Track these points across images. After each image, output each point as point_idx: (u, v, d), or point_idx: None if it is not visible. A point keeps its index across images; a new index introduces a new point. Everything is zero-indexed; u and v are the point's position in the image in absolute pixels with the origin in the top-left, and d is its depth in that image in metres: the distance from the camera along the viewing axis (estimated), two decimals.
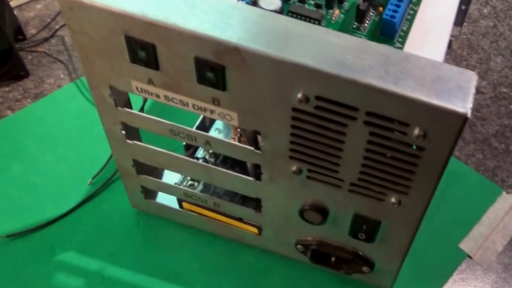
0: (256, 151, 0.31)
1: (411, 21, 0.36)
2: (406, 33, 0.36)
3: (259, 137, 0.31)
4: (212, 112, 0.29)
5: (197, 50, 0.26)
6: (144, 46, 0.27)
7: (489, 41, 0.57)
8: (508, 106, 0.52)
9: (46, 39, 0.53)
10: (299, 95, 0.27)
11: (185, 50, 0.26)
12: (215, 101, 0.29)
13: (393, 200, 0.31)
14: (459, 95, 0.25)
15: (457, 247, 0.43)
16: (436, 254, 0.42)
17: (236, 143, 0.31)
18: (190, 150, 0.40)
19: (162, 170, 0.40)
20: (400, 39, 0.35)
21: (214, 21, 0.26)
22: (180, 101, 0.29)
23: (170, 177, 0.39)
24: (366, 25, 0.35)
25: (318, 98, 0.27)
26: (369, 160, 0.29)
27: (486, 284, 0.41)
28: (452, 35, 0.56)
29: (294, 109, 0.28)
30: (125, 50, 0.28)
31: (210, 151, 0.39)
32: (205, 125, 0.41)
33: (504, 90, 0.53)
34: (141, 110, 0.39)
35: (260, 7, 0.31)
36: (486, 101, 0.52)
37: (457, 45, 0.56)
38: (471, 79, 0.26)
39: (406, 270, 0.41)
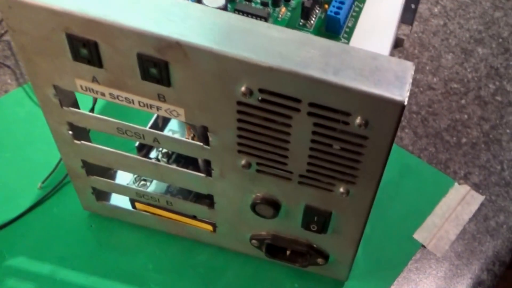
0: (205, 146, 0.31)
1: (356, 17, 0.37)
2: (352, 29, 0.36)
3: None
4: (158, 108, 0.29)
5: (139, 46, 0.26)
6: (86, 44, 0.27)
7: (440, 39, 0.58)
8: (459, 101, 0.53)
9: None
10: (243, 89, 0.27)
11: (128, 47, 0.26)
12: (161, 97, 0.29)
13: (341, 190, 0.31)
14: (397, 84, 0.26)
15: (412, 237, 0.43)
16: (391, 244, 0.43)
17: (184, 139, 0.31)
18: (143, 151, 0.40)
19: (115, 171, 0.39)
20: (345, 35, 0.36)
21: (156, 18, 0.26)
22: (125, 98, 0.29)
23: (124, 178, 0.39)
24: (312, 22, 0.36)
25: (261, 91, 0.27)
26: (316, 151, 0.29)
27: (440, 272, 0.42)
28: (403, 34, 0.57)
29: (239, 103, 0.28)
30: (67, 49, 0.27)
31: (163, 151, 0.39)
32: (158, 126, 0.41)
33: (455, 85, 0.54)
34: (92, 110, 0.38)
35: (203, 4, 0.31)
36: (438, 96, 0.53)
37: (408, 43, 0.57)
38: (408, 69, 0.27)
39: (361, 261, 0.42)
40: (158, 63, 0.27)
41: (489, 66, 0.56)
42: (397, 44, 0.56)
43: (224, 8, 0.32)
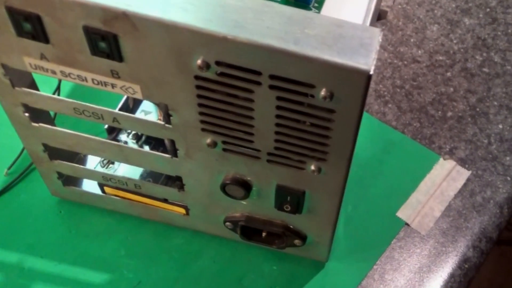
0: (167, 125, 0.30)
1: None
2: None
3: None
4: (113, 86, 0.28)
5: (84, 18, 0.24)
6: (28, 17, 0.25)
7: (425, 10, 0.56)
8: (445, 74, 0.51)
9: None
10: (199, 62, 0.25)
11: (72, 19, 0.25)
12: (114, 74, 0.27)
13: (312, 167, 0.30)
14: (362, 52, 0.24)
15: (395, 215, 0.42)
16: (373, 224, 0.41)
17: (143, 117, 0.30)
18: (113, 133, 0.38)
19: (85, 155, 0.38)
20: (316, 4, 0.34)
21: None
22: (78, 76, 0.28)
23: (93, 161, 0.38)
24: None
25: (218, 63, 0.25)
26: (282, 127, 0.28)
27: (424, 250, 0.41)
28: (387, 6, 0.55)
29: (197, 77, 0.26)
30: (9, 23, 0.26)
31: (132, 133, 0.38)
32: (129, 107, 0.39)
33: (440, 58, 0.53)
34: (57, 92, 0.37)
35: None
36: (423, 69, 0.52)
37: (392, 15, 0.55)
38: (375, 35, 0.25)
39: (343, 241, 0.40)
40: (106, 36, 0.25)
41: (476, 37, 0.54)
42: (380, 16, 0.54)
43: None
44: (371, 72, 0.24)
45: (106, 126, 0.38)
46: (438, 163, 0.45)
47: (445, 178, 0.45)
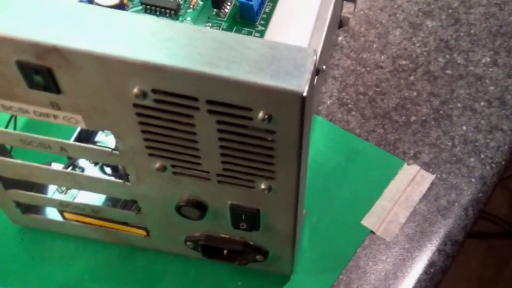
0: (114, 152, 0.30)
1: (274, 2, 0.36)
2: (269, 15, 0.35)
3: None
4: (55, 117, 0.28)
5: (16, 53, 0.25)
6: None
7: (387, 14, 0.57)
8: (408, 78, 0.52)
9: None
10: (135, 91, 0.25)
11: (5, 55, 0.25)
12: (54, 105, 0.27)
13: (262, 186, 0.30)
14: (295, 73, 0.25)
15: (360, 224, 0.42)
16: (339, 233, 0.42)
17: (91, 146, 0.30)
18: (73, 158, 0.38)
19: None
20: (262, 22, 0.34)
21: (31, 21, 0.24)
22: (19, 109, 0.28)
23: (52, 187, 0.38)
24: (226, 10, 0.34)
25: (154, 91, 0.25)
26: (226, 149, 0.28)
27: (390, 257, 0.41)
28: (348, 12, 0.56)
29: (136, 105, 0.26)
30: None
31: (91, 162, 0.38)
32: (88, 131, 0.39)
33: (404, 62, 0.53)
34: (11, 123, 0.37)
35: (96, 3, 0.29)
36: (386, 75, 0.52)
37: (354, 21, 0.56)
38: (308, 56, 0.25)
39: (308, 252, 0.41)
40: (40, 70, 0.25)
41: (438, 39, 0.54)
42: (342, 23, 0.55)
43: (121, 4, 0.30)
44: (305, 94, 0.24)
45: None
46: (403, 168, 0.46)
47: (409, 183, 0.45)
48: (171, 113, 0.26)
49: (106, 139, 0.39)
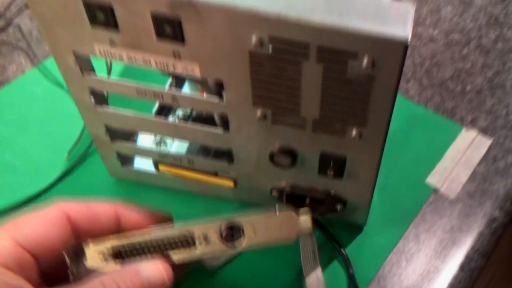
0: (221, 102, 0.33)
1: None
2: None
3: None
4: (174, 66, 0.31)
5: (152, 5, 0.28)
6: (102, 8, 0.28)
7: None
8: (461, 51, 0.54)
9: (2, 29, 0.54)
10: (254, 39, 0.28)
11: (141, 7, 0.28)
12: (176, 55, 0.30)
13: (353, 133, 0.33)
14: (399, 24, 0.27)
15: (424, 182, 0.45)
16: (405, 190, 0.44)
17: (201, 96, 0.33)
18: (161, 116, 0.42)
19: (137, 138, 0.41)
20: None
21: None
22: (142, 59, 0.31)
23: (145, 142, 0.41)
24: None
25: (271, 40, 0.28)
26: (327, 95, 0.31)
27: (454, 212, 0.44)
28: None
29: (251, 54, 0.29)
30: (84, 15, 0.29)
31: (180, 116, 0.41)
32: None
33: (456, 36, 0.55)
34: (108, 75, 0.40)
35: None
36: (440, 48, 0.55)
37: None
38: (409, 10, 0.28)
39: (378, 207, 0.43)
40: (171, 21, 0.28)
41: (488, 15, 0.57)
42: None
43: None
44: (408, 42, 0.27)
45: (155, 109, 0.41)
46: (461, 133, 0.48)
47: (468, 147, 0.48)
48: (282, 61, 0.29)
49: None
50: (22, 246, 0.29)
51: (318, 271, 0.36)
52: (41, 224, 0.30)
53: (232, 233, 0.33)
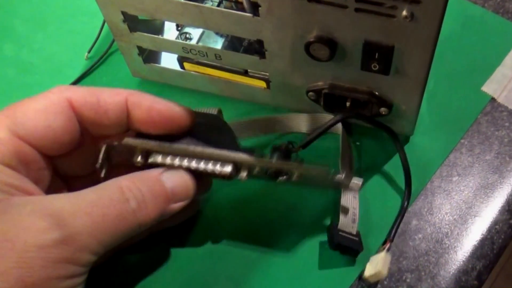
0: None
1: None
2: None
3: None
4: None
5: None
6: None
7: None
8: None
9: None
10: None
11: None
12: None
13: (404, 13, 0.28)
14: None
15: (480, 90, 0.40)
16: (458, 99, 0.40)
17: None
18: None
19: (160, 33, 0.37)
20: None
21: None
22: None
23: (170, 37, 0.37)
24: None
25: None
26: None
27: None
28: None
29: None
30: None
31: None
32: None
33: None
34: None
35: None
36: None
37: None
38: None
39: (426, 116, 0.39)
40: None
41: None
42: None
43: None
44: None
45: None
46: None
47: None
48: None
49: None
50: (20, 138, 0.25)
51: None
52: (41, 111, 0.25)
53: (276, 174, 0.30)
